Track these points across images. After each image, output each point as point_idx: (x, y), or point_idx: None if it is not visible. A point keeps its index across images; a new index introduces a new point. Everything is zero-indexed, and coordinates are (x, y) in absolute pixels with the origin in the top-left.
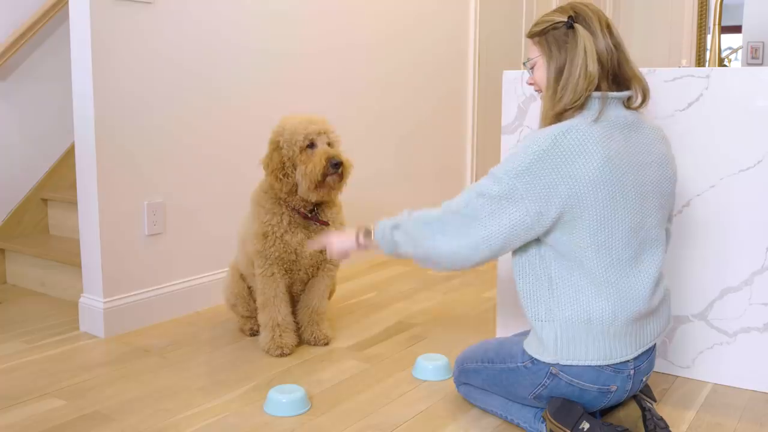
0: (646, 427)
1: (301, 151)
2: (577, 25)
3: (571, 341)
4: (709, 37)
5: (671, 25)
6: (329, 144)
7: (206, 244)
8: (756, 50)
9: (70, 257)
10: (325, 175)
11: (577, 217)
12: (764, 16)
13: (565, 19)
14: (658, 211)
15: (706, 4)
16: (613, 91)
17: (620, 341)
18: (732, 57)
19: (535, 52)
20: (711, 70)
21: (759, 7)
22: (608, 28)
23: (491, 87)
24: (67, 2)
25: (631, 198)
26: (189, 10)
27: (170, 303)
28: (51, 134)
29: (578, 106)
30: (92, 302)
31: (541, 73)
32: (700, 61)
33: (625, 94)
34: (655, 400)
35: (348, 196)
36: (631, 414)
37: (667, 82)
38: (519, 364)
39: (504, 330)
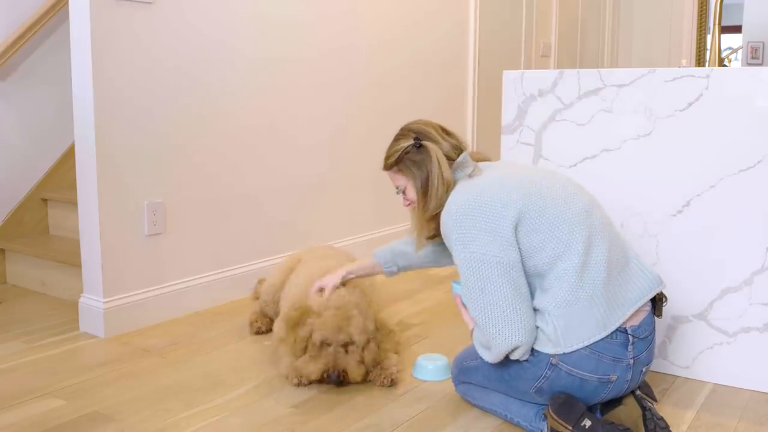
0: (646, 426)
1: (312, 346)
2: (424, 142)
3: (568, 327)
4: (709, 37)
5: (671, 25)
6: (347, 346)
7: (206, 244)
8: (756, 50)
9: (70, 257)
10: (323, 379)
11: (525, 234)
12: (764, 16)
13: (412, 141)
14: (578, 193)
15: (706, 4)
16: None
17: (610, 306)
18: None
19: (400, 180)
20: (711, 70)
21: (759, 7)
22: (443, 131)
23: (491, 87)
24: (67, 2)
25: (556, 202)
26: (190, 10)
27: (170, 303)
28: (51, 134)
29: (443, 206)
30: (92, 302)
31: (413, 193)
32: (700, 61)
33: (465, 155)
34: (655, 400)
35: (349, 197)
36: (631, 414)
37: (667, 82)
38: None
39: None
